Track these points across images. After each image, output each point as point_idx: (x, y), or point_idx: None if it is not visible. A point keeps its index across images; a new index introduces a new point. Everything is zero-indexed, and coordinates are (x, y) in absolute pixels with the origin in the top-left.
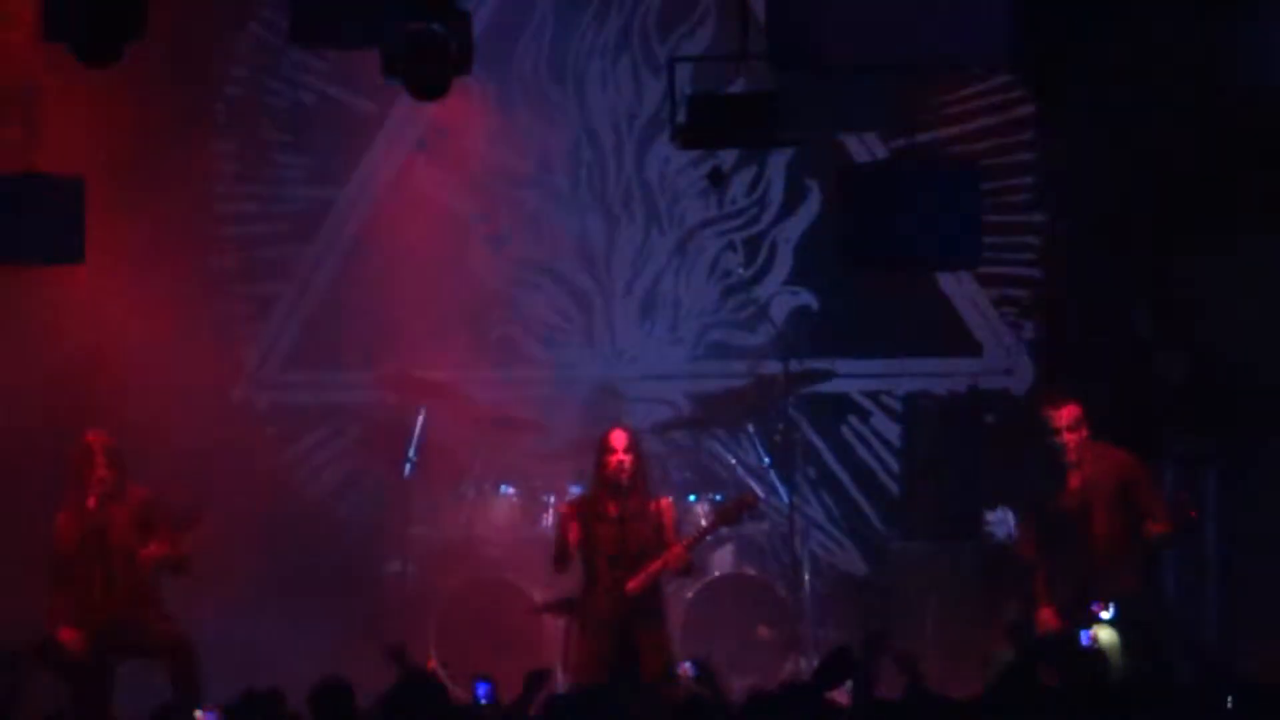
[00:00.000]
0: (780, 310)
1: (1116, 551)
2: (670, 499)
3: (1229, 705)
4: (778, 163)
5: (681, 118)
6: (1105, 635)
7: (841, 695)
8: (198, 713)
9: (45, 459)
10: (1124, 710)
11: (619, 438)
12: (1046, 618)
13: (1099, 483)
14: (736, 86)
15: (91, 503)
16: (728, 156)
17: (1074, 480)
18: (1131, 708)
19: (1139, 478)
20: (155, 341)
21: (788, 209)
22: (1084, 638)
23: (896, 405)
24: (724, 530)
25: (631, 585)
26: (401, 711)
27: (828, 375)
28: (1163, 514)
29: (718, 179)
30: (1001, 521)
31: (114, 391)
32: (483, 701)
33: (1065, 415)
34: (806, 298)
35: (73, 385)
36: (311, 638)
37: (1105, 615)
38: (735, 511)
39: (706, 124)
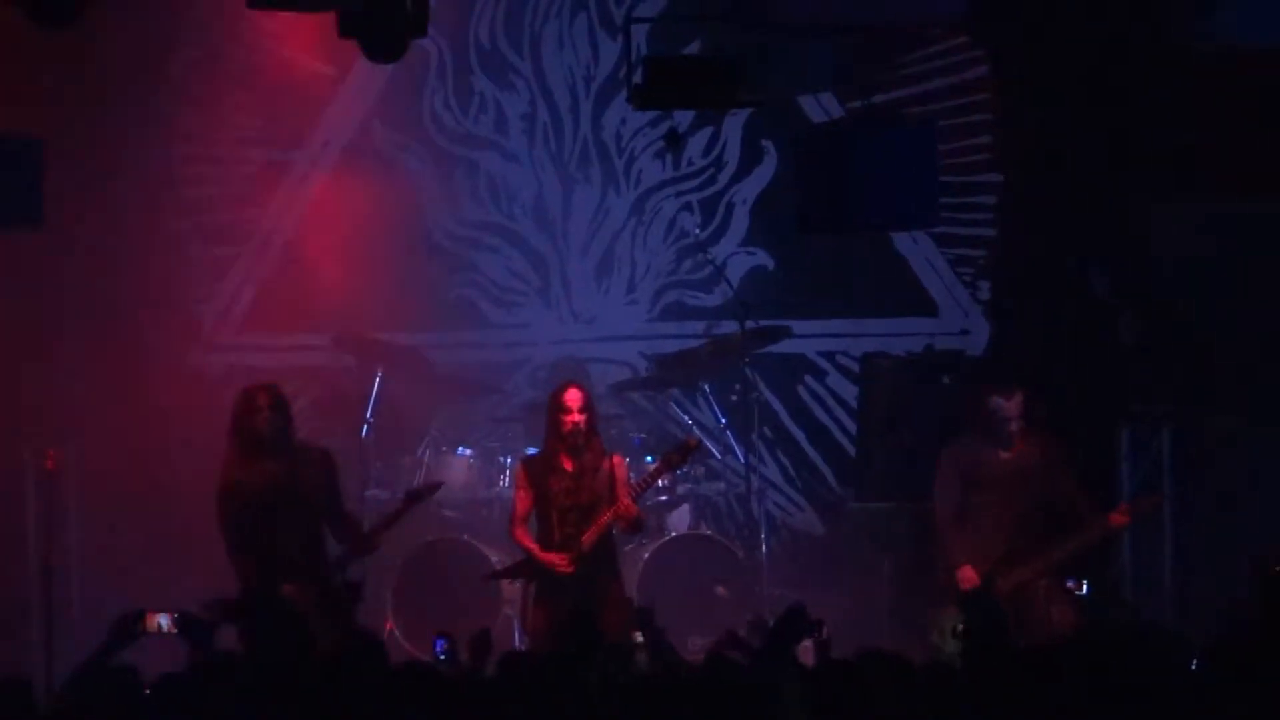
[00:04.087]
0: (736, 271)
1: (1027, 533)
2: (622, 456)
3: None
4: (734, 124)
5: (638, 79)
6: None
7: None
8: (155, 616)
9: None
10: (1084, 677)
11: (574, 397)
12: (969, 576)
13: (1029, 464)
14: (693, 47)
15: (267, 456)
16: (684, 117)
17: (1006, 455)
18: (1093, 675)
19: (1065, 462)
20: (111, 304)
21: (744, 170)
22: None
23: (853, 365)
24: (681, 489)
25: (585, 539)
26: (342, 671)
27: (784, 334)
28: (1086, 504)
29: (674, 140)
30: None
31: (69, 354)
32: (440, 657)
33: (1015, 405)
34: (763, 258)
35: (27, 348)
36: None
37: (1080, 592)
38: (679, 458)
39: (663, 85)
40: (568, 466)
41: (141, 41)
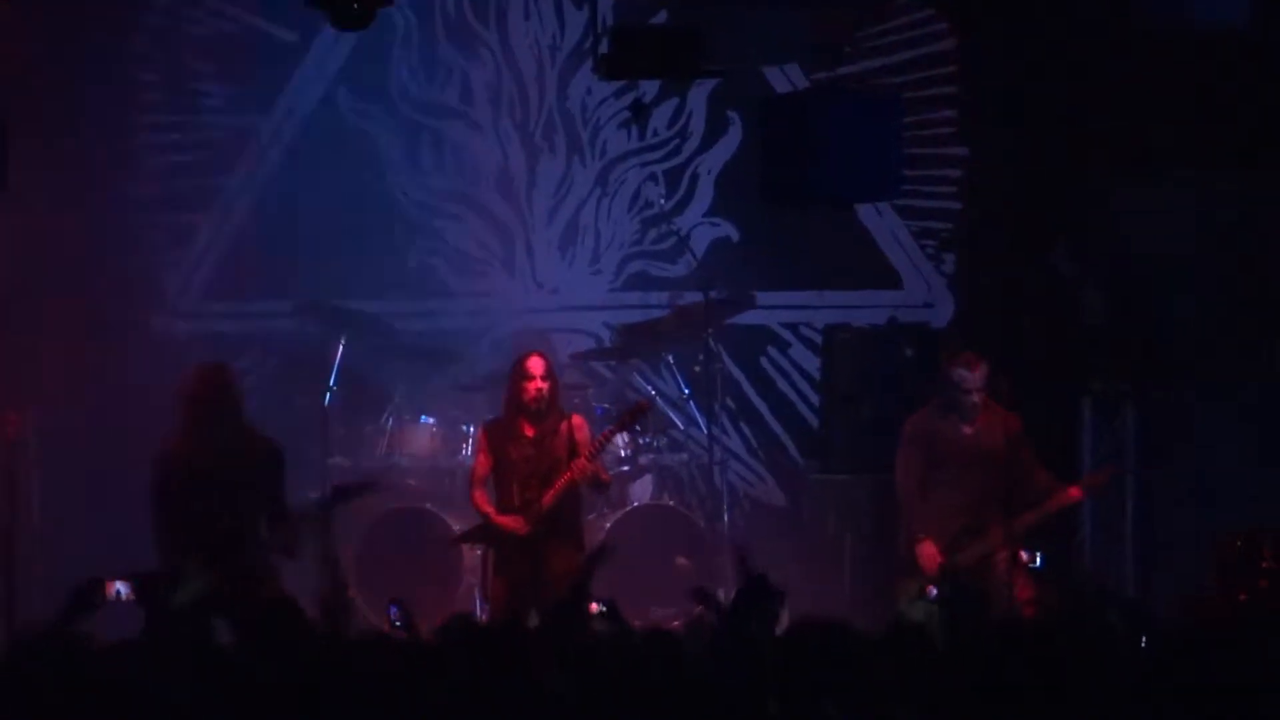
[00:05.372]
0: (701, 242)
1: (988, 506)
2: (582, 417)
3: (1143, 646)
4: (699, 95)
5: (604, 48)
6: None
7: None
8: (113, 584)
9: None
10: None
11: (536, 364)
12: (929, 550)
13: (990, 438)
14: (659, 17)
15: (207, 435)
16: (649, 87)
17: (968, 429)
18: (1059, 656)
19: (1025, 438)
20: (75, 271)
21: (709, 140)
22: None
23: (816, 337)
24: (643, 460)
25: (546, 500)
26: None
27: (747, 305)
28: (1045, 477)
29: (640, 111)
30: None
31: (33, 321)
32: (395, 624)
33: (978, 376)
34: (727, 229)
35: None
36: None
37: (1034, 565)
38: (631, 418)
39: (629, 55)
40: (528, 433)
41: (106, 8)
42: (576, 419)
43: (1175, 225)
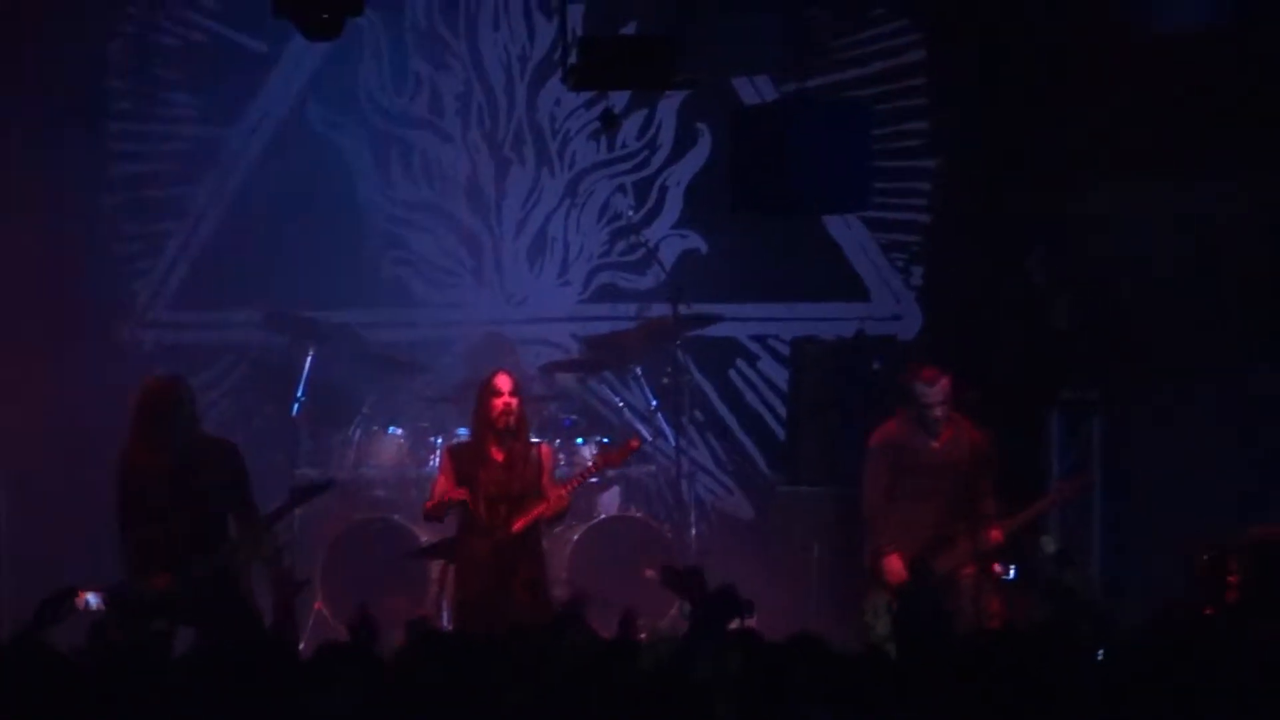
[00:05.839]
0: (669, 253)
1: (954, 520)
2: (549, 446)
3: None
4: (669, 106)
5: (574, 59)
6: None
7: None
8: (85, 594)
9: None
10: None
11: (504, 381)
12: (895, 564)
13: (957, 452)
14: (629, 28)
15: (168, 447)
16: (619, 99)
17: (935, 443)
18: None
19: (990, 461)
20: (43, 280)
21: (678, 152)
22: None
23: (784, 350)
24: (610, 472)
25: (517, 526)
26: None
27: (715, 318)
28: (993, 506)
29: (610, 122)
30: None
31: None
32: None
33: (939, 391)
34: (695, 241)
35: None
36: None
37: (1007, 577)
38: (619, 455)
39: (599, 65)
40: (497, 457)
41: (77, 18)
42: (545, 448)
43: (1145, 232)
